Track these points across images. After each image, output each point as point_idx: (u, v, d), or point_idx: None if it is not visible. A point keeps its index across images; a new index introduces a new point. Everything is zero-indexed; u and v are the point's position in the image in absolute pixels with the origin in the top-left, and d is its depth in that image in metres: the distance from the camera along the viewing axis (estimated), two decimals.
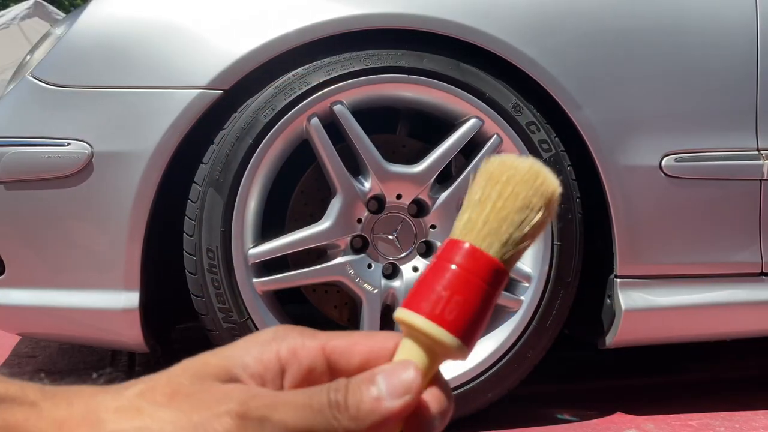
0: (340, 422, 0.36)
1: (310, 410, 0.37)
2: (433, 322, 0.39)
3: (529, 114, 1.71)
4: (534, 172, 0.41)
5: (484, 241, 0.40)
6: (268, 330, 0.41)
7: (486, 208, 0.41)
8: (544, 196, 0.41)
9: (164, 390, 0.38)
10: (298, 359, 0.40)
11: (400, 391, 0.37)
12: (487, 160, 0.43)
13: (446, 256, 0.41)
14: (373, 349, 0.41)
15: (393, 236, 1.73)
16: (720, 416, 1.87)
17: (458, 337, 0.39)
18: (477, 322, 0.40)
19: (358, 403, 0.37)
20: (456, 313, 0.39)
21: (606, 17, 1.77)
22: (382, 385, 0.37)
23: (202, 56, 1.64)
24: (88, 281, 1.65)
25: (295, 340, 0.40)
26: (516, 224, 0.41)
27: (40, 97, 1.66)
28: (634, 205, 1.74)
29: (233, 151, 1.63)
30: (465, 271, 0.40)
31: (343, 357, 0.40)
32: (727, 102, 1.80)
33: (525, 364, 1.75)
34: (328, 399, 0.37)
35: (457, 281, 0.40)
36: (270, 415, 0.36)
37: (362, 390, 0.37)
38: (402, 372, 0.38)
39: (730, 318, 1.85)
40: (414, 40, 1.68)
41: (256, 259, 1.66)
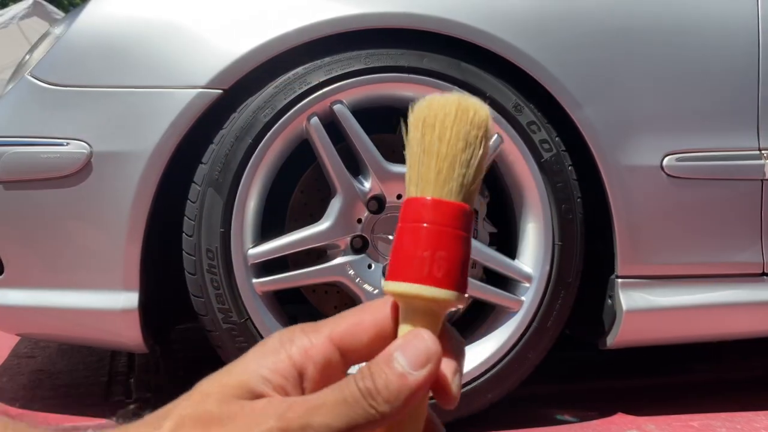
0: (377, 408, 0.37)
1: (345, 405, 0.37)
2: (426, 285, 0.40)
3: (529, 114, 1.71)
4: (464, 106, 0.42)
5: (443, 190, 0.41)
6: (272, 337, 0.41)
7: (432, 157, 0.41)
8: (481, 127, 0.42)
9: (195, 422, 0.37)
10: (312, 358, 0.40)
11: (422, 360, 0.38)
12: (413, 106, 0.42)
13: (413, 216, 0.41)
14: (375, 322, 0.41)
15: (393, 236, 1.72)
16: (721, 417, 1.87)
17: (454, 290, 0.40)
18: (464, 268, 0.41)
19: (386, 384, 0.37)
20: (445, 269, 0.40)
21: (607, 17, 1.76)
22: (402, 360, 0.38)
23: (201, 56, 1.63)
24: (88, 281, 1.65)
25: (302, 340, 0.40)
26: (465, 164, 0.41)
27: (39, 97, 1.65)
28: (635, 205, 1.73)
29: (233, 150, 1.63)
30: (438, 225, 0.40)
31: (353, 339, 0.41)
32: (729, 102, 1.80)
33: (526, 364, 1.75)
34: (359, 389, 0.37)
35: (434, 237, 0.40)
36: (310, 421, 0.36)
37: (385, 371, 0.38)
38: (416, 341, 0.38)
39: (732, 318, 1.85)
40: (414, 40, 1.68)
41: (255, 259, 1.66)
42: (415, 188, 0.41)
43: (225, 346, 1.65)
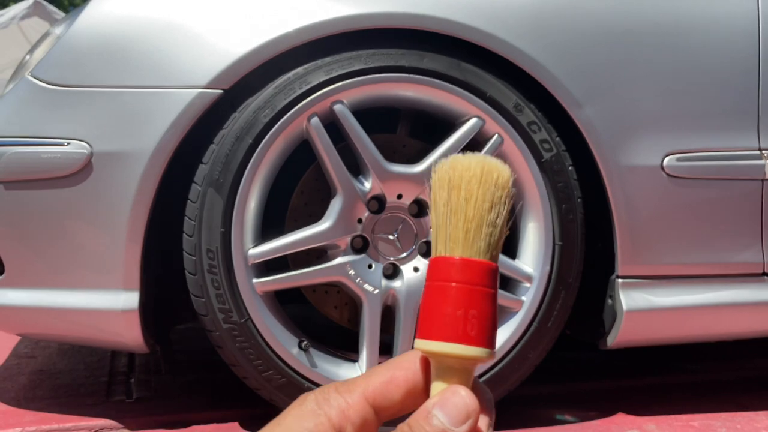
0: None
1: None
2: (461, 344, 0.41)
3: (530, 113, 1.71)
4: (488, 169, 0.43)
5: (472, 250, 0.42)
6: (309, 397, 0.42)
7: (460, 217, 0.43)
8: (505, 188, 0.44)
9: None
10: (349, 419, 0.41)
11: (462, 417, 0.39)
12: (435, 168, 0.44)
13: (442, 276, 0.43)
14: (407, 378, 0.42)
15: (393, 236, 1.72)
16: (722, 417, 1.87)
17: (486, 347, 0.42)
18: (494, 325, 0.43)
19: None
20: (477, 327, 0.42)
21: (608, 17, 1.76)
22: (441, 417, 0.39)
23: (201, 56, 1.63)
24: (88, 281, 1.65)
25: (338, 401, 0.41)
26: (492, 223, 0.43)
27: (40, 97, 1.65)
28: (635, 205, 1.73)
29: (233, 151, 1.63)
30: (468, 285, 0.42)
31: (386, 397, 0.42)
32: (729, 102, 1.80)
33: (526, 364, 1.75)
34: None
35: (465, 297, 0.42)
36: None
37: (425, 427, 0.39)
38: (454, 398, 0.39)
39: (732, 318, 1.85)
40: (415, 40, 1.68)
41: (256, 259, 1.66)
42: (443, 248, 0.43)
43: (225, 346, 1.65)
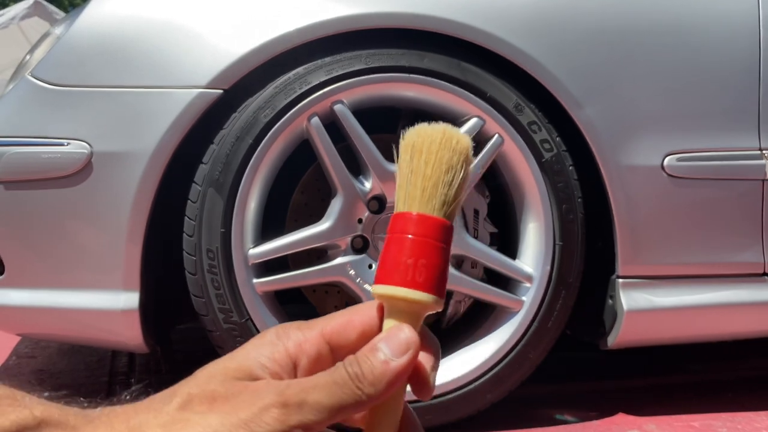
0: (362, 390, 0.42)
1: (335, 386, 0.42)
2: (409, 288, 0.46)
3: (530, 113, 1.71)
4: (448, 136, 0.48)
5: (427, 206, 0.47)
6: (270, 331, 0.46)
7: (419, 178, 0.47)
8: (462, 153, 0.48)
9: (201, 398, 0.42)
10: (305, 351, 0.45)
11: (402, 349, 0.43)
12: (404, 133, 0.49)
13: (400, 228, 0.47)
14: (363, 321, 0.46)
15: None
16: (722, 417, 1.87)
17: (433, 294, 0.46)
18: (443, 276, 0.47)
19: (371, 369, 0.43)
20: (425, 275, 0.46)
21: (608, 17, 1.76)
22: (385, 349, 0.43)
23: (201, 56, 1.63)
24: (88, 281, 1.65)
25: (296, 335, 0.45)
26: (447, 185, 0.47)
27: (40, 97, 1.65)
28: (636, 205, 1.73)
29: (233, 151, 1.63)
30: (421, 237, 0.46)
31: (342, 337, 0.46)
32: (730, 102, 1.80)
33: (526, 364, 1.75)
34: (347, 373, 0.43)
35: (417, 247, 0.46)
36: (306, 398, 0.41)
37: (370, 358, 0.43)
38: (398, 333, 0.44)
39: (733, 318, 1.85)
40: (415, 40, 1.68)
41: (256, 259, 1.66)
42: (402, 204, 0.47)
43: (226, 346, 1.65)
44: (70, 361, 2.39)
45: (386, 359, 0.43)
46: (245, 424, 0.41)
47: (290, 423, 0.41)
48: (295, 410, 0.41)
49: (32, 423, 0.41)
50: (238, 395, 0.41)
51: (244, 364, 0.43)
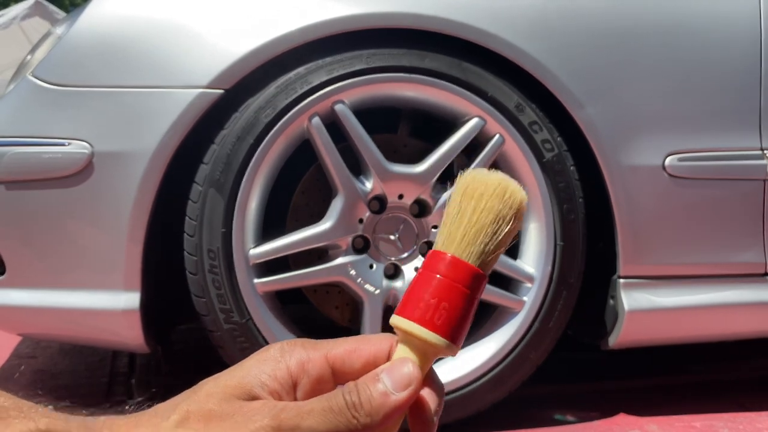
0: (358, 419, 0.42)
1: (331, 413, 0.42)
2: (424, 327, 0.45)
3: (531, 113, 1.70)
4: (503, 186, 0.47)
5: (464, 252, 0.47)
6: (275, 346, 0.46)
7: (463, 222, 0.47)
8: (513, 208, 0.47)
9: (198, 416, 0.42)
10: (307, 372, 0.45)
11: (404, 383, 0.43)
12: (461, 175, 0.48)
13: (431, 266, 0.47)
14: (371, 352, 0.46)
15: (394, 236, 1.72)
16: (723, 417, 1.87)
17: (447, 339, 0.46)
18: (462, 323, 0.46)
19: (369, 399, 0.42)
20: (444, 318, 0.45)
21: (609, 17, 1.76)
22: (386, 381, 0.43)
23: (202, 56, 1.63)
24: (89, 282, 1.65)
25: (300, 354, 0.45)
26: (490, 235, 0.47)
27: (41, 97, 1.65)
28: (637, 205, 1.73)
29: (234, 151, 1.62)
30: (449, 280, 0.46)
31: (346, 363, 0.46)
32: (731, 102, 1.80)
33: (527, 365, 1.75)
34: (345, 401, 0.42)
35: (443, 289, 0.46)
36: (300, 423, 0.41)
37: (370, 388, 0.43)
38: (401, 367, 0.44)
39: (734, 318, 1.84)
40: (416, 40, 1.67)
41: (257, 259, 1.66)
42: (441, 243, 0.48)
43: (226, 347, 1.65)
44: (71, 361, 2.39)
45: (386, 391, 0.43)
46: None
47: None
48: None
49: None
50: (232, 415, 0.42)
51: (244, 382, 0.44)
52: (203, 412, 0.43)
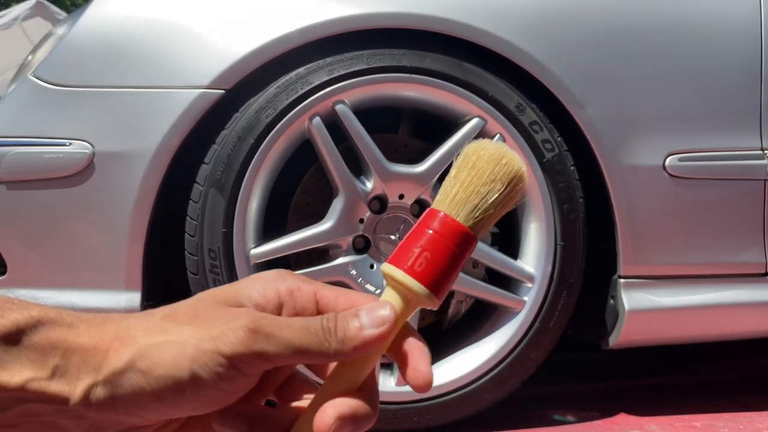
0: (330, 343, 0.46)
1: (307, 332, 0.45)
2: (405, 273, 0.48)
3: (532, 113, 1.71)
4: (500, 153, 0.49)
5: (454, 210, 0.49)
6: (272, 271, 0.50)
7: (458, 182, 0.49)
8: (509, 174, 0.49)
9: (185, 314, 0.46)
10: (294, 299, 0.48)
11: (378, 323, 0.46)
12: (467, 143, 0.51)
13: (424, 222, 0.49)
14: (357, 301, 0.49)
15: (395, 236, 1.72)
16: (724, 417, 1.87)
17: (426, 287, 0.48)
18: (444, 276, 0.48)
19: (345, 329, 0.46)
20: (424, 266, 0.48)
21: (609, 16, 1.76)
22: (364, 317, 0.47)
23: (203, 56, 1.63)
24: (90, 282, 1.65)
25: (293, 282, 0.49)
26: (482, 195, 0.49)
27: (42, 97, 1.65)
28: (637, 205, 1.73)
29: (235, 151, 1.63)
30: (437, 234, 0.48)
31: (330, 304, 0.49)
32: (731, 102, 1.80)
33: (528, 365, 1.75)
34: (321, 325, 0.46)
35: (429, 242, 0.48)
36: (276, 332, 0.44)
37: (348, 320, 0.46)
38: (380, 309, 0.47)
39: (734, 318, 1.84)
40: (416, 40, 1.68)
41: (258, 259, 1.66)
42: (436, 202, 0.50)
43: None
44: None
45: (361, 326, 0.46)
46: (212, 339, 0.44)
47: (253, 348, 0.44)
48: (262, 338, 0.44)
49: (30, 322, 0.44)
50: (216, 317, 0.45)
51: (234, 293, 0.47)
52: (190, 311, 0.46)
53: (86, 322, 0.45)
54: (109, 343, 0.44)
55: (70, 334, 0.44)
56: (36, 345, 0.44)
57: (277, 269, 0.50)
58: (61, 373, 0.44)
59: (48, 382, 0.43)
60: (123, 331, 0.45)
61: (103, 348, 0.44)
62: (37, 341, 0.44)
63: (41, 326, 0.44)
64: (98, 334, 0.45)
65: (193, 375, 0.43)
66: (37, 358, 0.43)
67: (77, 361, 0.44)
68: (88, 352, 0.44)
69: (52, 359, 0.44)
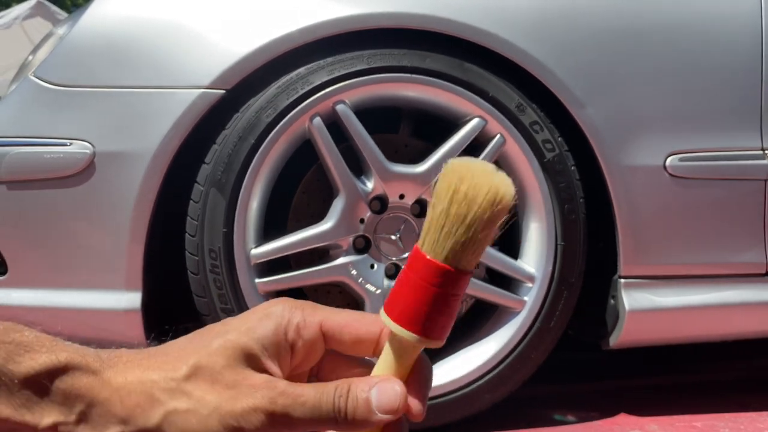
0: (339, 421, 0.48)
1: (319, 411, 0.48)
2: (395, 322, 0.46)
3: (532, 113, 1.71)
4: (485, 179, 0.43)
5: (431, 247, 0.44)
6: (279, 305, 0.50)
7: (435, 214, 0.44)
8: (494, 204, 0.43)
9: (206, 376, 0.47)
10: (302, 336, 0.50)
11: (388, 409, 0.48)
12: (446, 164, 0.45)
13: (408, 262, 0.47)
14: (361, 332, 0.50)
15: (396, 236, 1.72)
16: (725, 417, 1.87)
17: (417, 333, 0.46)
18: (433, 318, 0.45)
19: (354, 410, 0.48)
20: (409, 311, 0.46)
21: (610, 16, 1.76)
22: (374, 400, 0.48)
23: (204, 56, 1.63)
24: (90, 282, 1.65)
25: (298, 317, 0.50)
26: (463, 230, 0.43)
27: (43, 97, 1.65)
28: (638, 205, 1.73)
29: (235, 151, 1.63)
30: (414, 276, 0.45)
31: (336, 335, 0.50)
32: (732, 101, 1.80)
33: (528, 365, 1.75)
34: (333, 403, 0.48)
35: (410, 285, 0.46)
36: (291, 411, 0.47)
37: (359, 400, 0.48)
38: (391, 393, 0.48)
39: (735, 318, 1.84)
40: (417, 40, 1.68)
41: (258, 259, 1.66)
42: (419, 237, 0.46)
43: None
44: None
45: (371, 409, 0.48)
46: (236, 418, 0.47)
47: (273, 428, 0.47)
48: (279, 420, 0.47)
49: (59, 366, 0.46)
50: (236, 386, 0.47)
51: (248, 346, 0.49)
52: (211, 372, 0.47)
53: (112, 369, 0.48)
54: (135, 399, 0.47)
55: (95, 383, 0.47)
56: (63, 391, 0.46)
57: (284, 300, 0.51)
58: (86, 420, 0.47)
59: (75, 427, 0.46)
60: (148, 386, 0.47)
61: (130, 403, 0.47)
62: (64, 388, 0.46)
63: (69, 372, 0.47)
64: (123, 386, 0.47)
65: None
66: (65, 403, 0.46)
67: (103, 412, 0.47)
68: (114, 404, 0.47)
69: (78, 406, 0.46)
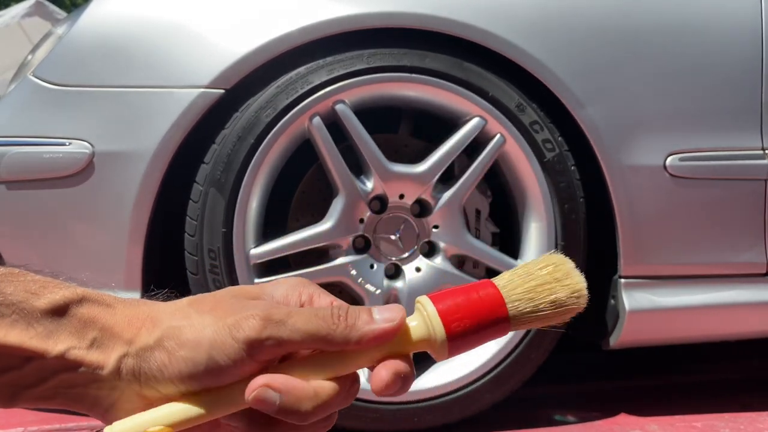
0: (337, 327, 0.49)
1: (315, 317, 0.49)
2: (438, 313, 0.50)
3: (532, 113, 1.70)
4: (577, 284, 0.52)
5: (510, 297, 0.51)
6: (294, 278, 0.54)
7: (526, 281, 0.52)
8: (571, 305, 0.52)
9: (209, 303, 0.51)
10: (312, 305, 0.52)
11: (388, 318, 0.49)
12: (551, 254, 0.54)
13: (483, 287, 0.52)
14: None
15: (395, 236, 1.72)
16: (725, 417, 1.87)
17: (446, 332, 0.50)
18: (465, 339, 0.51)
19: (355, 317, 0.49)
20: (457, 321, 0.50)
21: (610, 16, 1.76)
22: (375, 313, 0.50)
23: (203, 56, 1.63)
24: (89, 282, 1.64)
25: (313, 289, 0.53)
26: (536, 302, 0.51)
27: (42, 97, 1.65)
28: (638, 205, 1.73)
29: (235, 150, 1.62)
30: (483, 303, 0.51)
31: None
32: (732, 101, 1.79)
33: (528, 365, 1.75)
34: (332, 312, 0.49)
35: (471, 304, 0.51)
36: (286, 319, 0.49)
37: (359, 311, 0.50)
38: (392, 309, 0.50)
39: (735, 318, 1.84)
40: (417, 39, 1.67)
41: (257, 259, 1.66)
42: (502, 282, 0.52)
43: None
44: None
45: (371, 318, 0.49)
46: (228, 327, 0.48)
47: (265, 333, 0.48)
48: (273, 325, 0.48)
49: (76, 298, 0.51)
50: (235, 307, 0.50)
51: (257, 290, 0.52)
52: (215, 300, 0.51)
53: (122, 303, 0.52)
54: (141, 322, 0.50)
55: (107, 312, 0.51)
56: (79, 318, 0.50)
57: (301, 277, 0.54)
58: (98, 344, 0.50)
59: (86, 351, 0.49)
60: (154, 312, 0.51)
61: (136, 326, 0.50)
62: (80, 315, 0.50)
63: (85, 302, 0.51)
64: (132, 313, 0.51)
65: (210, 358, 0.48)
66: (79, 329, 0.50)
67: (112, 336, 0.50)
68: (123, 328, 0.50)
69: (91, 332, 0.50)
